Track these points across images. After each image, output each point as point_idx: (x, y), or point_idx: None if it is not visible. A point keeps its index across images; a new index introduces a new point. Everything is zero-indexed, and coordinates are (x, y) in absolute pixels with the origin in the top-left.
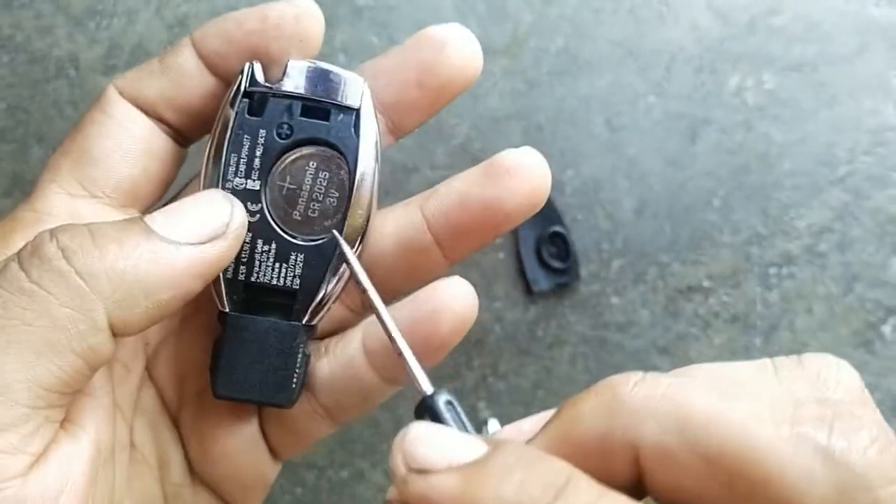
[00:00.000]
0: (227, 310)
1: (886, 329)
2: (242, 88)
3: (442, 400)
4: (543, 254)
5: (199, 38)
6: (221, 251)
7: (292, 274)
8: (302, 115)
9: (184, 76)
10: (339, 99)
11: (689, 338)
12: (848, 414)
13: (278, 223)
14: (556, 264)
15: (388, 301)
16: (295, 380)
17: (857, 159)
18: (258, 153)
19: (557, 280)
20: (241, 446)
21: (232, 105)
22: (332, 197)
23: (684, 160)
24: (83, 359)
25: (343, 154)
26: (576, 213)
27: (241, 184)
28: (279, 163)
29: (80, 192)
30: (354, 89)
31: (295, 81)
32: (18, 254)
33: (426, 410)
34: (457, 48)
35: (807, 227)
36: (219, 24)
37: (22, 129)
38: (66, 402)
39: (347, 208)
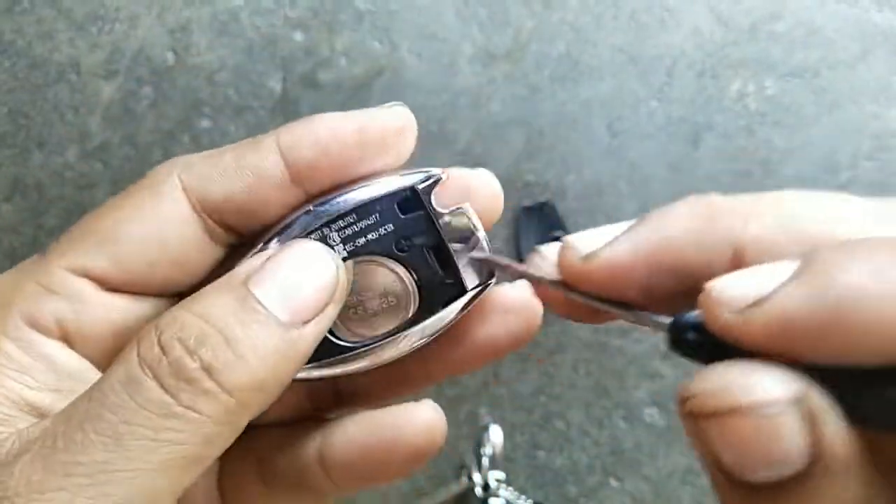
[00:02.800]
0: None
1: None
2: (415, 186)
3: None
4: None
5: (289, 144)
6: (331, 318)
7: None
8: (427, 251)
9: (264, 183)
10: (462, 274)
11: None
12: None
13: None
14: None
15: None
16: None
17: (860, 165)
18: (370, 236)
19: None
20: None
21: (393, 184)
22: (381, 323)
23: (686, 165)
24: (219, 455)
25: (420, 305)
26: (577, 218)
27: (334, 241)
28: (373, 258)
29: (83, 275)
30: (476, 278)
31: (453, 222)
32: (152, 368)
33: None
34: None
35: None
36: (311, 130)
37: (23, 133)
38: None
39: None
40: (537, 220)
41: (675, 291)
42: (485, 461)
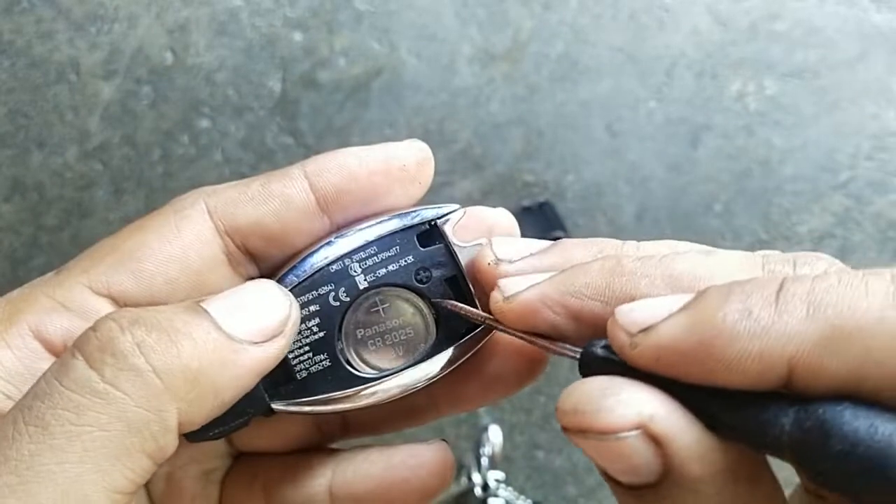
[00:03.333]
0: None
1: None
2: (435, 220)
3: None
4: None
5: (316, 172)
6: (280, 350)
7: (307, 369)
8: (446, 283)
9: (291, 209)
10: (480, 308)
11: None
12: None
13: (341, 330)
14: None
15: None
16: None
17: (859, 165)
18: (390, 267)
19: None
20: None
21: (414, 217)
22: (398, 354)
23: (685, 165)
24: (152, 459)
25: (437, 337)
26: (577, 218)
27: (356, 272)
28: (392, 290)
29: (104, 292)
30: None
31: (470, 258)
32: (81, 348)
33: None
34: None
35: (808, 232)
36: (338, 159)
37: (22, 133)
38: (130, 500)
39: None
40: (536, 220)
41: (581, 331)
42: (484, 461)
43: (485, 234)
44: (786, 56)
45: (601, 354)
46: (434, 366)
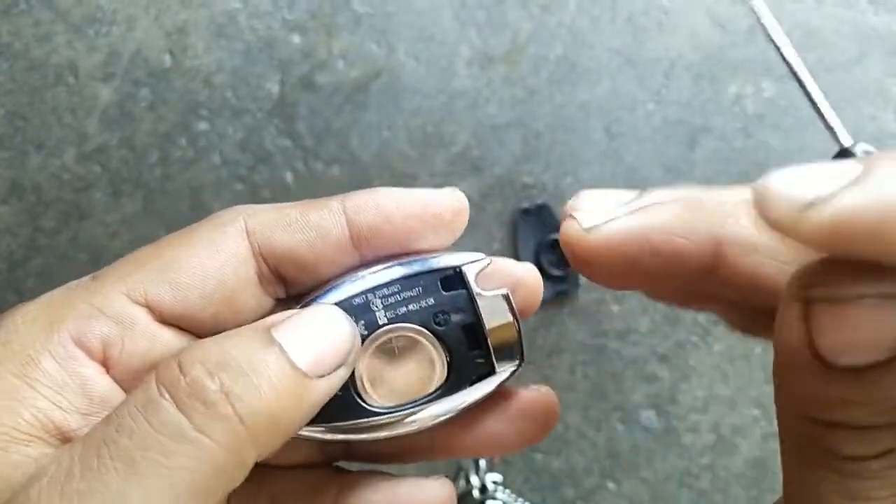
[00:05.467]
0: None
1: None
2: (460, 266)
3: (860, 149)
4: (543, 262)
5: (354, 208)
6: (341, 381)
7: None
8: (463, 328)
9: (326, 241)
10: (494, 357)
11: (688, 345)
12: None
13: (362, 376)
14: (556, 272)
15: None
16: None
17: None
18: (411, 307)
19: (557, 288)
20: None
21: (440, 261)
22: (412, 396)
23: (683, 167)
24: (226, 493)
25: (448, 380)
26: None
27: (377, 307)
28: (409, 329)
29: (141, 300)
30: (511, 366)
31: (491, 305)
32: (169, 389)
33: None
34: None
35: None
36: (377, 199)
37: (20, 136)
38: None
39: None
40: (535, 222)
41: (660, 267)
42: (482, 464)
43: (508, 286)
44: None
45: None
46: (442, 408)
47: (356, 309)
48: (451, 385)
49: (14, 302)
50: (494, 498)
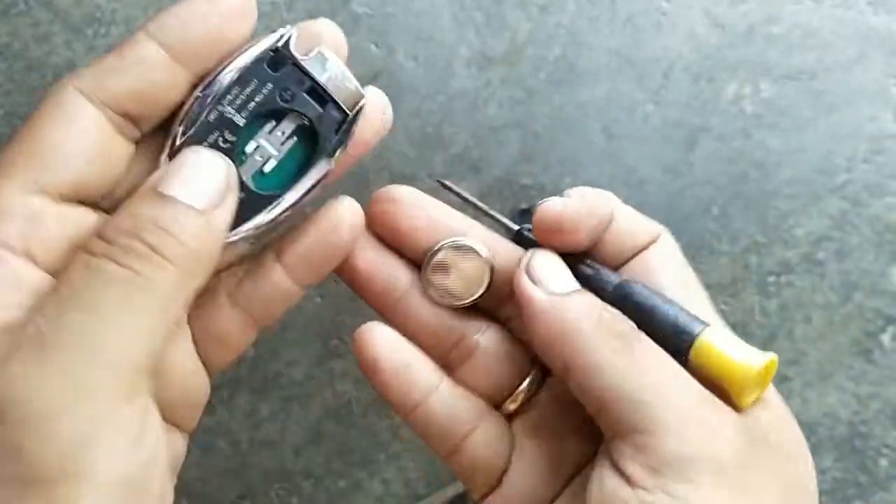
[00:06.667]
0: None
1: (885, 338)
2: (275, 45)
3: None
4: None
5: (157, 30)
6: (234, 203)
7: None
8: (306, 92)
9: (151, 69)
10: (340, 99)
11: None
12: None
13: (240, 168)
14: None
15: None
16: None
17: (856, 167)
18: (256, 99)
19: None
20: (181, 362)
21: (256, 50)
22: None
23: (682, 168)
24: (177, 320)
25: (317, 140)
26: None
27: (231, 114)
28: (267, 122)
29: (33, 188)
30: (354, 100)
31: (316, 64)
32: (104, 254)
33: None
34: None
35: (805, 235)
36: (177, 16)
37: None
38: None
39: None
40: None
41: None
42: None
43: (317, 44)
44: (783, 59)
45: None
46: (325, 161)
47: (214, 124)
48: (322, 140)
49: None
50: None
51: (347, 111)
